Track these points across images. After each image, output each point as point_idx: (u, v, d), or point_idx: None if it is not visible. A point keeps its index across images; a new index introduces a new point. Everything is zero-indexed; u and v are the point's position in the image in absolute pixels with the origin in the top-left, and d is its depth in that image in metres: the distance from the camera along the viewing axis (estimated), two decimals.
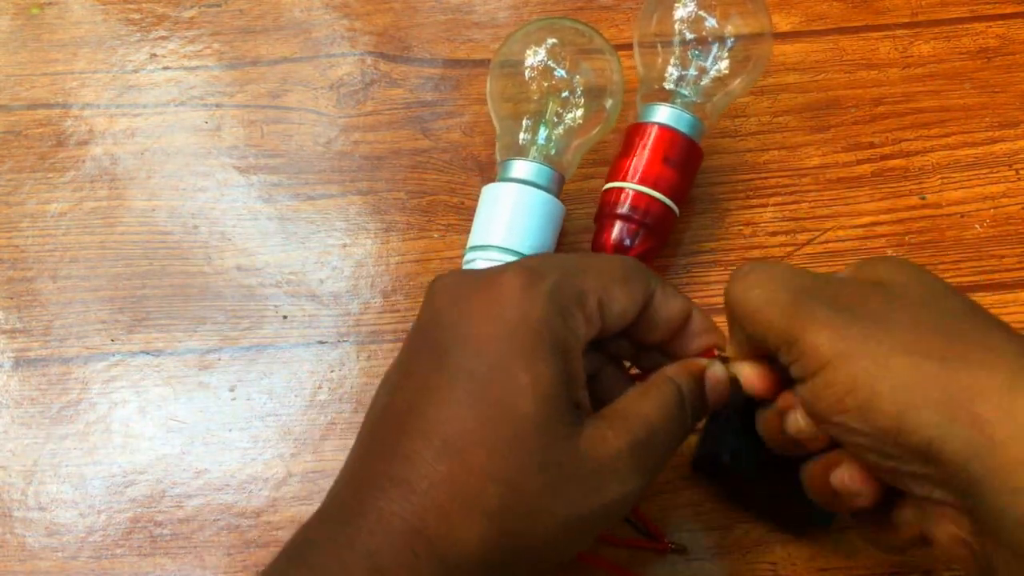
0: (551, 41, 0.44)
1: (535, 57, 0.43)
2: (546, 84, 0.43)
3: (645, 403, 0.30)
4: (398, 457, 0.28)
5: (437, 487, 0.27)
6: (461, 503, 0.27)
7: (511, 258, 0.40)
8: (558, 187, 0.43)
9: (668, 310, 0.32)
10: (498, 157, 0.44)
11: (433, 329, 0.30)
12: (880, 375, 0.27)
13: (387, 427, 0.29)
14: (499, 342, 0.28)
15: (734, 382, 0.33)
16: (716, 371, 0.32)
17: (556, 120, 0.43)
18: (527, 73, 0.43)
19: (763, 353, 0.31)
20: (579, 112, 0.43)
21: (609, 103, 0.44)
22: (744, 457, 0.36)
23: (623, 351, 0.34)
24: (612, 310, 0.31)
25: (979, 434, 0.25)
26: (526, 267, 0.30)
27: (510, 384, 0.28)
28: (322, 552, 0.27)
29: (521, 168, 0.42)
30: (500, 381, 0.28)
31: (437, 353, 0.29)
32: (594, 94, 0.43)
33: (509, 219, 0.41)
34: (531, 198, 0.41)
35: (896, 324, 0.28)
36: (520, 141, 0.43)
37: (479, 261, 0.41)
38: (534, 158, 0.42)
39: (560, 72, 0.43)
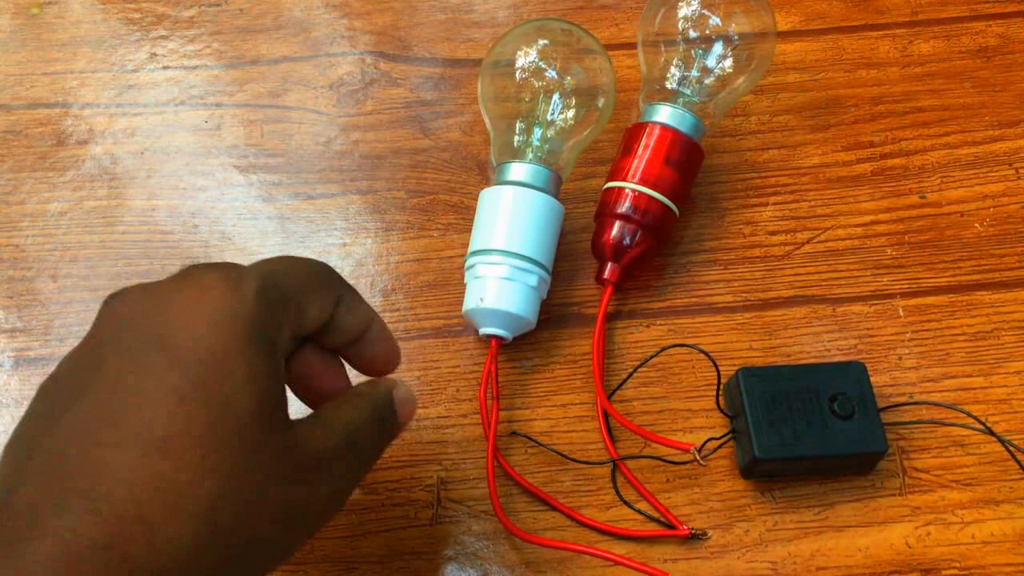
0: (541, 42, 0.44)
1: (526, 59, 0.44)
2: (537, 85, 0.43)
3: (348, 409, 0.32)
4: (85, 472, 0.25)
5: (139, 493, 0.25)
6: (168, 505, 0.25)
7: (515, 261, 0.40)
8: (556, 187, 0.43)
9: (353, 316, 0.33)
10: (493, 161, 0.44)
11: (117, 334, 0.28)
12: None
13: (65, 441, 0.26)
14: (209, 338, 0.27)
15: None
16: (400, 392, 0.34)
17: (549, 121, 0.43)
18: (518, 75, 0.43)
19: None
20: (571, 113, 0.43)
21: (601, 102, 0.44)
22: (771, 441, 0.37)
23: (308, 366, 0.35)
24: (308, 312, 0.31)
25: None
26: (225, 268, 0.30)
27: (227, 378, 0.27)
28: None
29: (518, 170, 0.42)
30: (215, 375, 0.27)
31: (129, 356, 0.27)
32: (586, 94, 0.43)
33: (509, 222, 0.41)
34: (530, 200, 0.41)
35: None
36: (515, 143, 0.43)
37: (480, 266, 0.41)
38: (530, 160, 0.42)
39: (551, 73, 0.43)
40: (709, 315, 0.44)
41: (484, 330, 0.41)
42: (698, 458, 0.38)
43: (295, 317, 0.30)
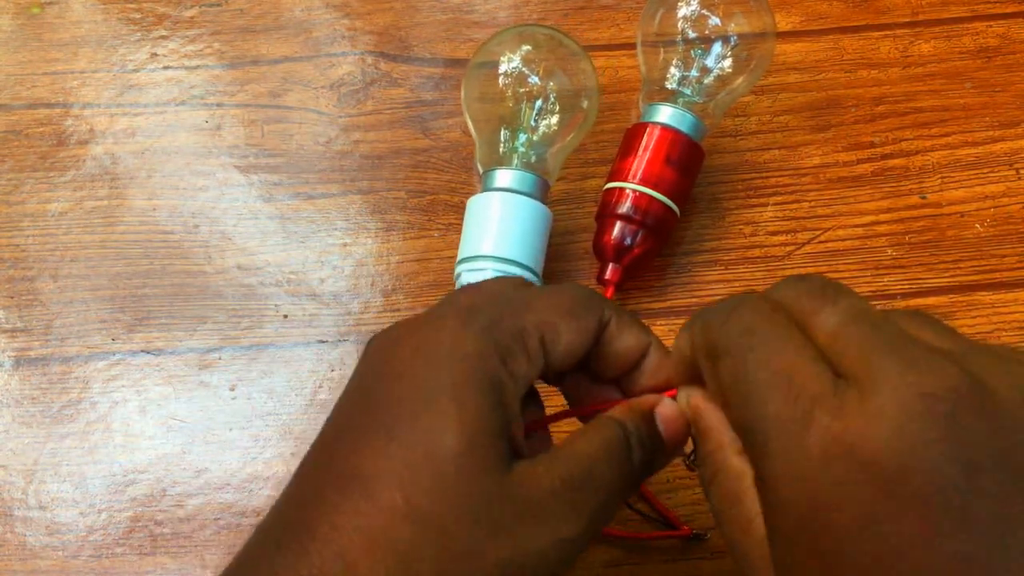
0: (524, 48, 0.44)
1: (508, 65, 0.44)
2: (521, 91, 0.43)
3: (583, 442, 0.28)
4: (307, 507, 0.26)
5: (341, 533, 0.25)
6: (368, 547, 0.25)
7: (502, 266, 0.40)
8: (543, 192, 0.42)
9: (622, 343, 0.30)
10: (480, 168, 0.44)
11: (365, 377, 0.29)
12: None
13: (306, 481, 0.28)
14: (427, 379, 0.27)
15: None
16: (666, 409, 0.30)
17: (534, 126, 0.43)
18: (501, 81, 0.43)
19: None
20: (555, 118, 0.43)
21: (585, 105, 0.44)
22: None
23: (579, 388, 0.32)
24: (557, 347, 0.29)
25: None
26: (463, 306, 0.29)
27: (435, 419, 0.26)
28: None
29: (504, 177, 0.42)
30: (425, 417, 0.26)
31: (365, 397, 0.28)
32: (569, 98, 0.43)
33: (497, 228, 0.41)
34: (517, 205, 0.41)
35: None
36: (500, 150, 0.43)
37: (465, 274, 0.41)
38: (516, 166, 0.42)
39: (534, 79, 0.43)
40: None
41: None
42: (688, 463, 0.38)
43: (537, 354, 0.28)
